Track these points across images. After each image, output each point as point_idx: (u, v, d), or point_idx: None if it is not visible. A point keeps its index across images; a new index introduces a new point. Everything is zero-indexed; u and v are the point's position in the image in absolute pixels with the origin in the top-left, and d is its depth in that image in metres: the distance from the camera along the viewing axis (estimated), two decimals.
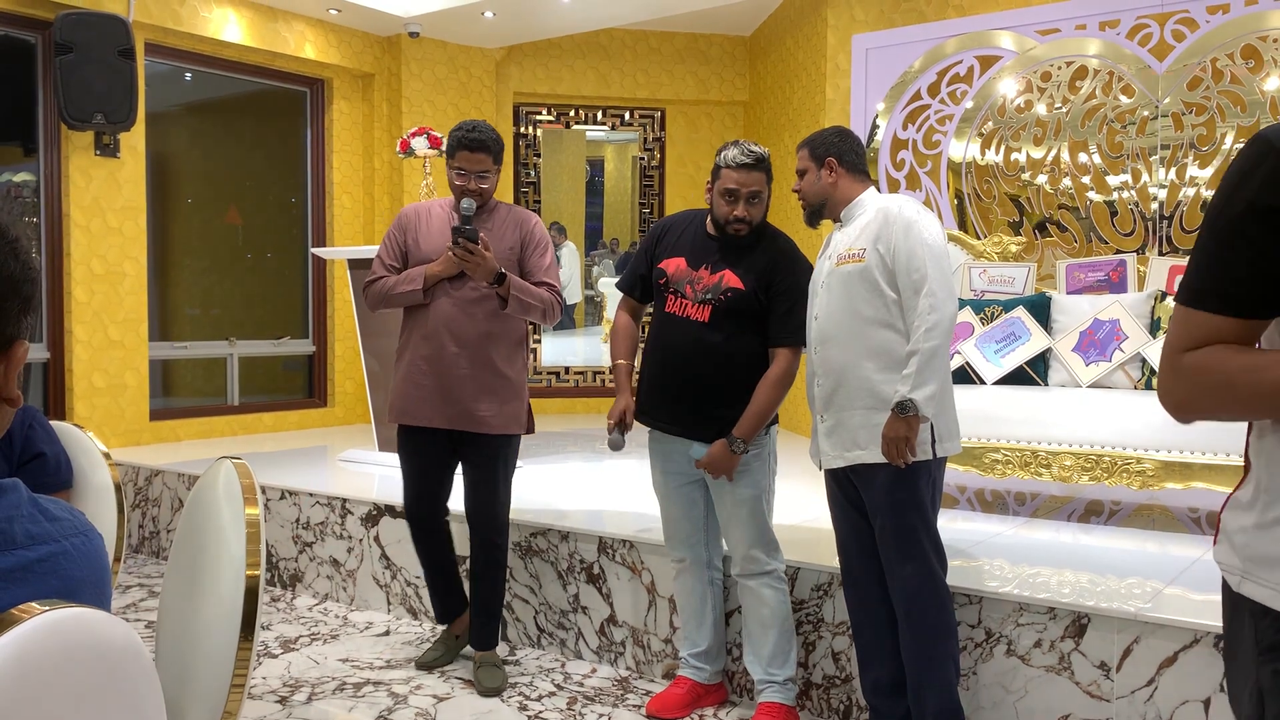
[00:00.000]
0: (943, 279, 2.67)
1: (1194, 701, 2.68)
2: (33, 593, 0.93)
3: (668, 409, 3.10)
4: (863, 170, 2.95)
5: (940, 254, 2.71)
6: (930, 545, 2.74)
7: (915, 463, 2.68)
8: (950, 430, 2.78)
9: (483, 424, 3.36)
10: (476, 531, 3.46)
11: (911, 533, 2.72)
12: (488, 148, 3.33)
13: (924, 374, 2.62)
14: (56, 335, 5.86)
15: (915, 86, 5.57)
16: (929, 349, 2.63)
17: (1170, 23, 4.86)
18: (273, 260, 7.51)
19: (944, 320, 2.64)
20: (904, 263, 2.70)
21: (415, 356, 3.38)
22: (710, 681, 3.28)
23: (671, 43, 8.16)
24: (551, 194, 8.47)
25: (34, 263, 1.00)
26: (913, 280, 2.68)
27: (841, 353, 2.81)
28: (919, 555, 2.72)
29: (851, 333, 2.79)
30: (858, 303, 2.78)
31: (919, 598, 2.72)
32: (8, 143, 5.94)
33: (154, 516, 5.27)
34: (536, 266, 3.43)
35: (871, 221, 2.81)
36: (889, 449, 2.67)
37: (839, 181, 2.91)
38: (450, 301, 3.35)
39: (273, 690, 3.45)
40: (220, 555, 1.78)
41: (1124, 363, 4.25)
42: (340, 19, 6.96)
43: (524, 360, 3.50)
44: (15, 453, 2.47)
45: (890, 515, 2.74)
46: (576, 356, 8.60)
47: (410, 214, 3.51)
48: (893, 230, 2.73)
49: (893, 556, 2.76)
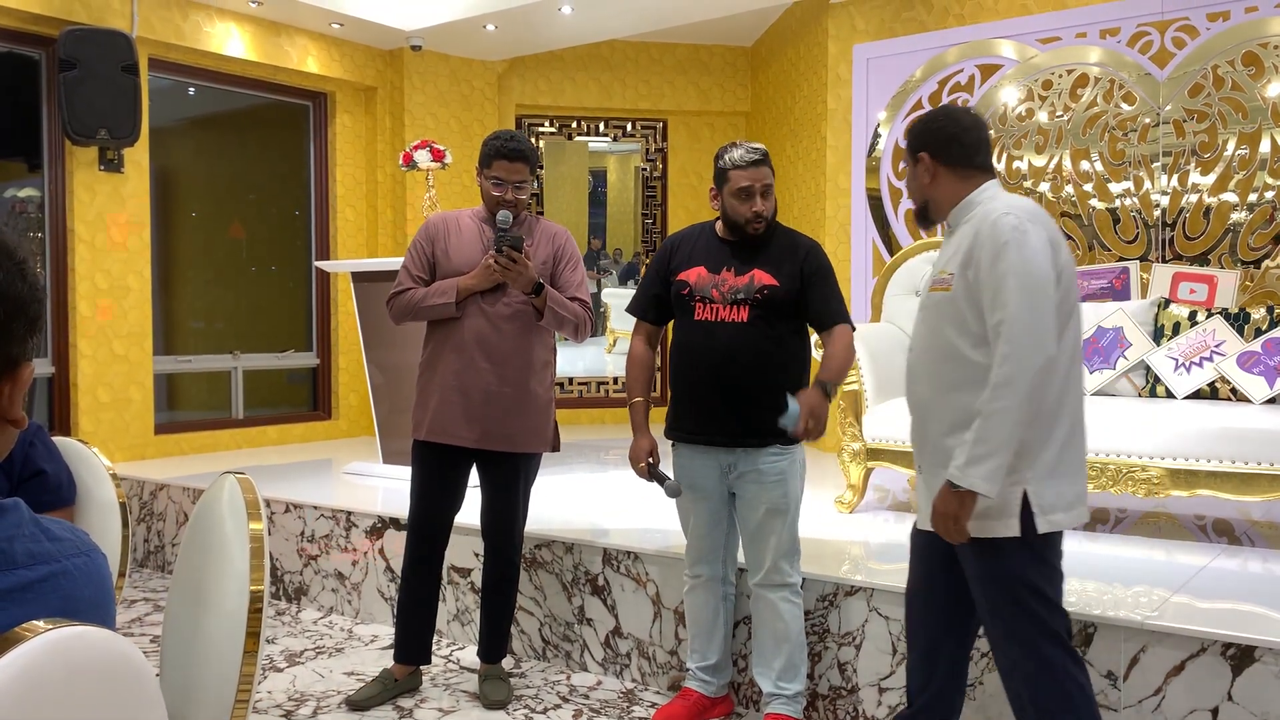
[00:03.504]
0: (1030, 320, 2.18)
1: (1202, 711, 2.67)
2: (35, 612, 0.93)
3: (706, 417, 3.02)
4: (974, 163, 2.44)
5: (1036, 287, 2.20)
6: (1037, 626, 2.29)
7: (1006, 539, 2.28)
8: (1063, 498, 2.30)
9: (511, 442, 3.29)
10: (493, 547, 3.40)
11: (1008, 613, 2.32)
12: (526, 157, 3.27)
13: (986, 443, 2.18)
14: (61, 350, 5.87)
15: (917, 95, 5.58)
16: (996, 410, 2.18)
17: (1171, 30, 4.87)
18: (276, 273, 7.53)
19: (1020, 374, 2.17)
20: (988, 298, 2.24)
21: (445, 371, 3.28)
22: (717, 695, 3.27)
23: (673, 54, 8.18)
24: (554, 205, 8.49)
25: (40, 283, 1.00)
26: (994, 321, 2.23)
27: (923, 396, 2.45)
28: (1022, 637, 2.31)
29: (934, 375, 2.41)
30: (942, 339, 2.37)
31: (1034, 689, 2.31)
32: (12, 158, 5.97)
33: (159, 531, 5.27)
34: (569, 281, 3.37)
35: (967, 236, 2.34)
36: (938, 525, 2.29)
37: (936, 180, 2.46)
38: (483, 316, 3.26)
39: (278, 705, 3.44)
40: (224, 570, 1.77)
41: (1128, 370, 4.24)
42: (343, 33, 6.99)
43: (552, 378, 3.42)
44: (16, 470, 2.47)
45: (981, 590, 2.37)
46: (580, 367, 8.60)
47: (439, 223, 3.39)
48: (982, 254, 2.27)
49: (992, 635, 2.39)
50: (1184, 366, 4.10)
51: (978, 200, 2.41)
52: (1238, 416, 3.71)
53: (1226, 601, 3.03)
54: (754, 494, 3.01)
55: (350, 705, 3.37)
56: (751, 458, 3.00)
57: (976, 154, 2.44)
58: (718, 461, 3.05)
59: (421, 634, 3.47)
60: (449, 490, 3.40)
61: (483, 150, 3.30)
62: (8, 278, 0.94)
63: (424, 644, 3.48)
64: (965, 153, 2.44)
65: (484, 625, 3.48)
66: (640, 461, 3.11)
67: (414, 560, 3.43)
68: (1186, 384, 4.07)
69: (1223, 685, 2.64)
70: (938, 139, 2.45)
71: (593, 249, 8.82)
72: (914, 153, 2.49)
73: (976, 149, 2.45)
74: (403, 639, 3.46)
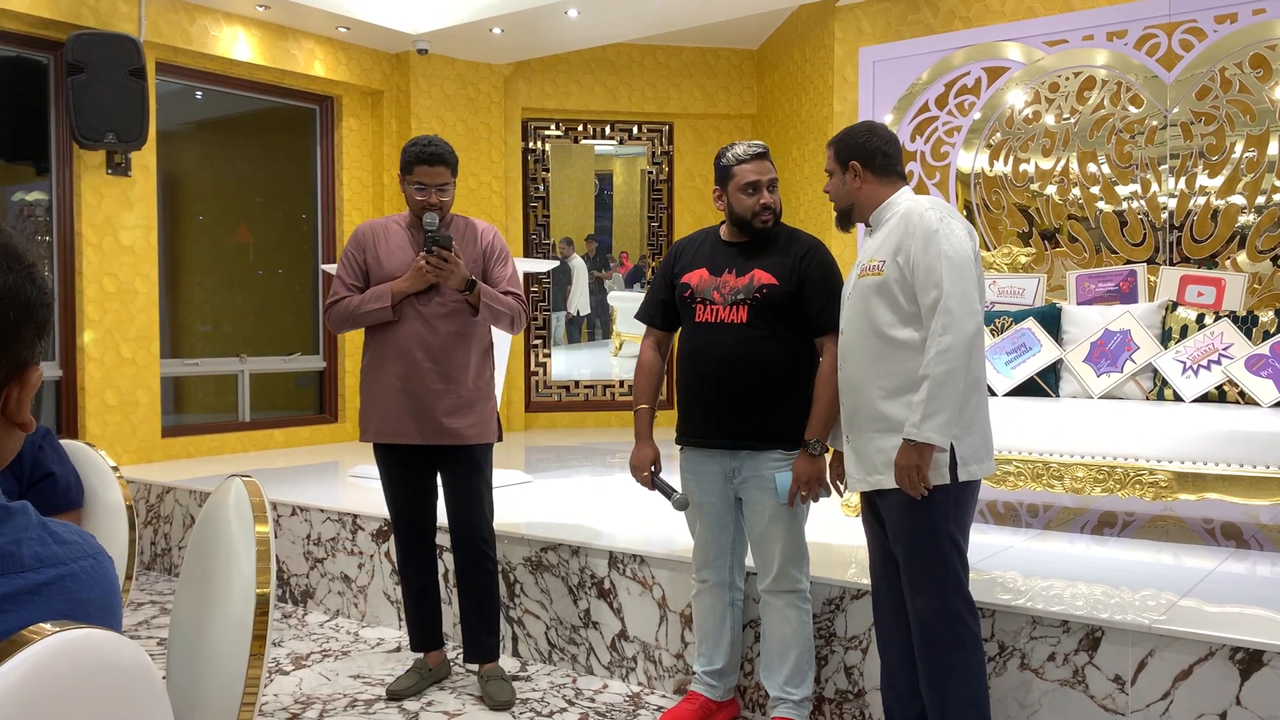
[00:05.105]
0: (961, 295, 2.53)
1: (1210, 715, 2.66)
2: (41, 614, 0.93)
3: (708, 419, 3.02)
4: (894, 170, 2.78)
5: (961, 265, 2.55)
6: (948, 578, 2.61)
7: (934, 489, 2.58)
8: (977, 452, 2.64)
9: (459, 436, 3.37)
10: (463, 545, 3.46)
11: (925, 563, 2.62)
12: (445, 160, 3.34)
13: (935, 401, 2.50)
14: (69, 353, 5.88)
15: (923, 98, 5.57)
16: (940, 374, 2.50)
17: (1178, 32, 4.86)
18: (283, 277, 7.54)
19: (958, 341, 2.50)
20: (922, 278, 2.57)
21: (389, 374, 3.37)
22: (723, 699, 3.26)
23: (679, 57, 8.19)
24: (560, 208, 8.50)
25: (48, 286, 1.00)
26: (930, 298, 2.55)
27: (857, 372, 2.72)
28: (932, 588, 2.61)
29: (866, 351, 2.69)
30: (874, 319, 2.66)
31: (931, 632, 2.62)
32: (20, 162, 5.99)
33: (166, 533, 5.28)
34: (500, 276, 3.46)
35: (894, 229, 2.67)
36: (901, 478, 2.57)
37: (864, 185, 2.77)
38: (419, 318, 3.34)
39: (284, 708, 3.45)
40: (231, 573, 1.78)
41: (1135, 373, 4.23)
42: (349, 36, 7.00)
43: (491, 370, 3.51)
44: (25, 473, 2.48)
45: (905, 544, 2.65)
46: (586, 371, 8.60)
47: (367, 232, 3.48)
48: (912, 241, 2.59)
49: (907, 587, 2.67)
50: (1192, 369, 4.09)
51: (898, 201, 2.75)
52: (1246, 420, 3.70)
53: (1235, 605, 3.02)
54: (758, 500, 3.00)
55: (389, 695, 3.50)
56: (755, 463, 2.99)
57: (896, 163, 2.80)
58: (721, 466, 3.05)
59: (431, 620, 3.60)
60: (417, 487, 3.50)
61: (403, 157, 3.38)
62: (17, 281, 0.95)
63: (435, 630, 3.62)
64: (889, 161, 2.78)
65: (467, 625, 3.49)
66: (642, 470, 3.12)
67: (405, 558, 3.56)
68: (1194, 387, 4.06)
69: (1231, 689, 2.63)
70: (866, 150, 2.77)
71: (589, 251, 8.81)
72: (844, 162, 2.79)
73: (896, 159, 2.80)
74: (416, 628, 3.60)
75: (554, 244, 8.42)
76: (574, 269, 8.64)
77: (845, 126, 2.95)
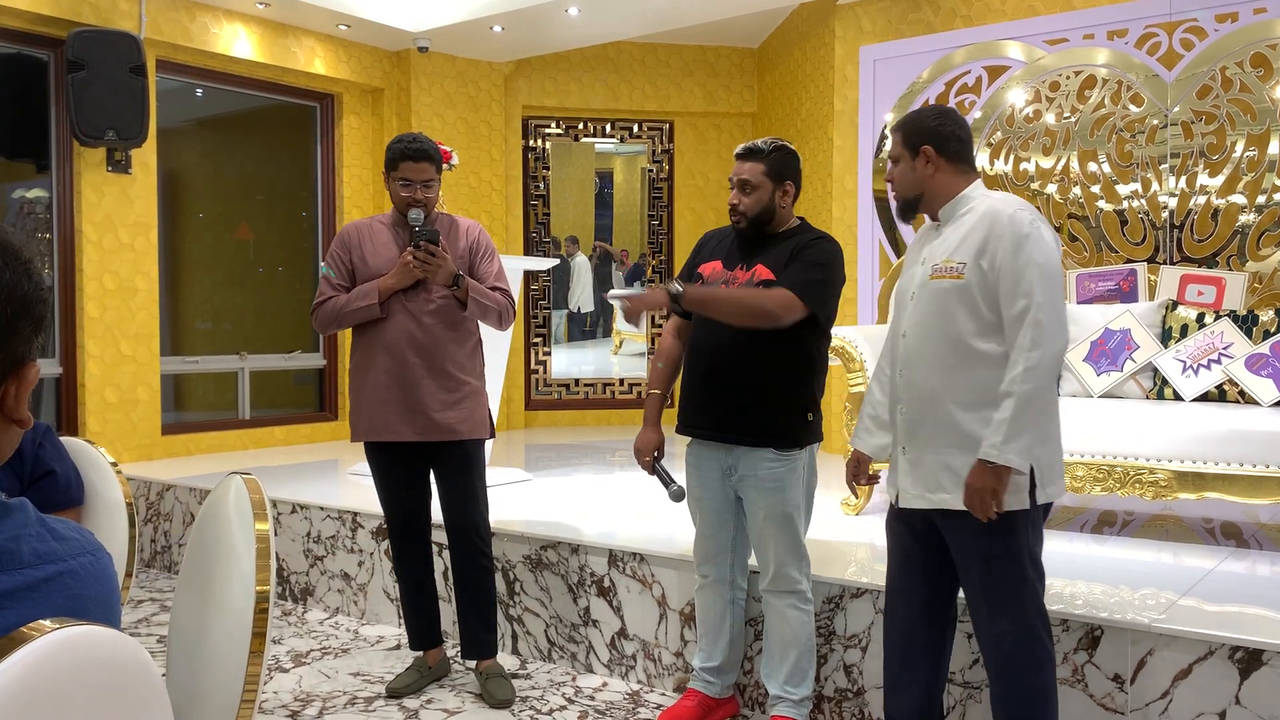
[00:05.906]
0: (1052, 307, 2.33)
1: (1209, 714, 2.66)
2: (40, 611, 0.93)
3: (703, 410, 3.03)
4: (967, 160, 2.56)
5: (1053, 275, 2.35)
6: (1027, 598, 2.45)
7: (1013, 512, 2.39)
8: (1053, 472, 2.47)
9: (451, 431, 3.37)
10: (459, 541, 3.46)
11: (1008, 585, 2.44)
12: (429, 156, 3.35)
13: (1020, 421, 2.30)
14: (69, 350, 5.88)
15: (923, 97, 5.57)
16: (1025, 392, 2.30)
17: (1179, 31, 4.86)
18: (284, 274, 7.54)
19: (1047, 358, 2.31)
20: (1009, 286, 2.36)
21: (377, 372, 3.36)
22: (721, 696, 3.26)
23: (680, 55, 8.18)
24: (560, 206, 8.49)
25: (46, 283, 1.00)
26: (1017, 308, 2.35)
27: (927, 379, 2.50)
28: (1014, 610, 2.44)
29: (941, 358, 2.47)
30: (952, 326, 2.45)
31: (1010, 655, 2.46)
32: (21, 159, 5.99)
33: (166, 531, 5.28)
34: (487, 272, 3.46)
35: (976, 229, 2.45)
36: (972, 501, 2.36)
37: (937, 174, 2.53)
38: (407, 314, 3.34)
39: (284, 705, 3.45)
40: (230, 570, 1.78)
41: (1135, 372, 4.23)
42: (350, 34, 7.00)
43: (481, 364, 3.51)
44: (26, 470, 2.48)
45: (981, 567, 2.46)
46: (587, 369, 8.60)
47: (352, 231, 3.48)
48: (1000, 244, 2.38)
49: (984, 611, 2.48)
50: (1192, 369, 4.09)
51: (973, 195, 2.53)
52: (1246, 419, 3.70)
53: (1234, 604, 3.02)
54: (753, 500, 3.01)
55: (389, 693, 3.50)
56: (750, 462, 2.98)
57: (970, 151, 2.56)
58: (719, 462, 3.06)
59: (430, 618, 3.61)
60: (411, 485, 3.50)
61: (387, 155, 3.38)
62: (14, 277, 0.95)
63: (434, 628, 3.62)
64: (963, 149, 2.55)
65: (465, 622, 3.50)
66: (645, 455, 3.13)
67: (401, 557, 3.57)
68: (1194, 386, 4.06)
69: (1230, 688, 2.63)
70: (940, 134, 2.53)
71: (597, 252, 8.82)
72: (916, 147, 2.54)
73: (970, 146, 2.57)
74: (414, 626, 3.62)
75: (559, 241, 8.42)
76: (577, 266, 8.64)
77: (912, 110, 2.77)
